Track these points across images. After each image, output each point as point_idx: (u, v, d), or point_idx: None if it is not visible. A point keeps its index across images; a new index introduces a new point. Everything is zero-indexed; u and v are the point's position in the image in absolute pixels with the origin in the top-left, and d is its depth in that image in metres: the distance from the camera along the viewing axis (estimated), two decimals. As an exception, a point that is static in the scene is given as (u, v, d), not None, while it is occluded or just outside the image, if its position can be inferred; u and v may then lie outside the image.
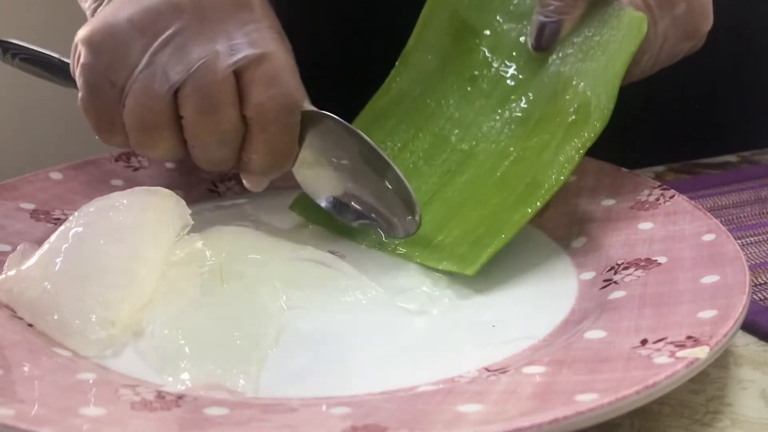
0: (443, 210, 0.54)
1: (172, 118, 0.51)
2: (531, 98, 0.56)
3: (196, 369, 0.41)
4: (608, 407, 0.36)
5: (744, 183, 0.65)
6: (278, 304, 0.47)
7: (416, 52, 0.59)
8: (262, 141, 0.52)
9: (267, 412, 0.38)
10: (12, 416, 0.36)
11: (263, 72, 0.51)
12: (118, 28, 0.51)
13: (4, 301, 0.46)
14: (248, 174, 0.55)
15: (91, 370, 0.41)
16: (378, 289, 0.49)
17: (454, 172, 0.56)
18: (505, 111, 0.57)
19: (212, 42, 0.51)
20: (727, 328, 0.40)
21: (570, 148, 0.52)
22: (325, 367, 0.43)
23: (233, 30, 0.51)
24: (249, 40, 0.51)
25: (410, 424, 0.36)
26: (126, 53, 0.51)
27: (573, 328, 0.45)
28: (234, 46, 0.51)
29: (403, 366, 0.43)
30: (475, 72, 0.58)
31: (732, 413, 0.41)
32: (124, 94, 0.51)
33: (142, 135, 0.52)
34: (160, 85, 0.50)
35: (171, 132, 0.52)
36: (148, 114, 0.51)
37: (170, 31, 0.50)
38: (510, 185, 0.53)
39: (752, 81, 0.79)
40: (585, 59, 0.54)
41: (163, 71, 0.50)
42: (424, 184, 0.56)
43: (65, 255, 0.45)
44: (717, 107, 0.77)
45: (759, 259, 0.54)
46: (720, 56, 0.74)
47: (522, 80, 0.57)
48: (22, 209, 0.56)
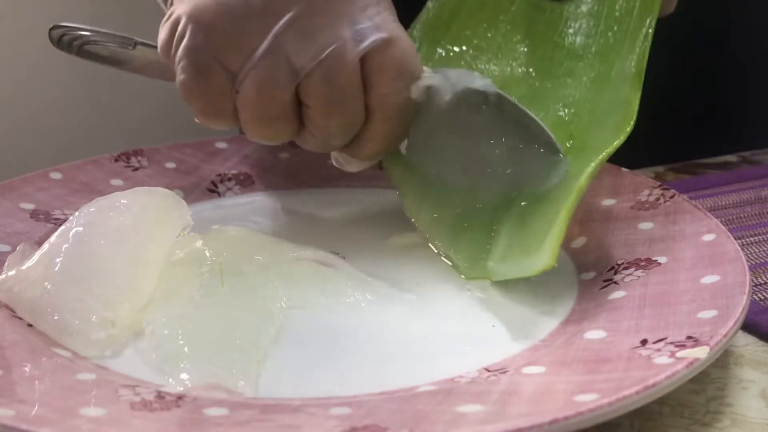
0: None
1: (296, 109, 0.49)
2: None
3: (196, 369, 0.41)
4: (608, 407, 0.36)
5: (744, 183, 0.65)
6: (278, 304, 0.47)
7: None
8: (381, 131, 0.50)
9: (267, 413, 0.38)
10: (12, 416, 0.36)
11: (389, 59, 0.48)
12: (233, 4, 0.47)
13: (4, 301, 0.46)
14: (354, 158, 0.52)
15: (90, 370, 0.41)
16: (378, 289, 0.49)
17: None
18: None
19: (337, 26, 0.47)
20: (727, 328, 0.40)
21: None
22: (325, 367, 0.43)
23: (356, 12, 0.48)
24: (374, 24, 0.48)
25: (410, 425, 0.36)
26: (242, 35, 0.47)
27: (573, 328, 0.45)
28: (360, 30, 0.48)
29: (403, 366, 0.43)
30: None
31: (732, 413, 0.41)
32: (238, 80, 0.47)
33: (260, 125, 0.49)
34: (285, 74, 0.47)
35: (293, 121, 0.49)
36: (271, 104, 0.48)
37: (293, 12, 0.47)
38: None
39: (752, 81, 0.79)
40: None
41: (287, 58, 0.47)
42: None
43: (65, 255, 0.45)
44: (717, 107, 0.77)
45: (759, 259, 0.54)
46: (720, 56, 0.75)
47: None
48: (22, 209, 0.56)
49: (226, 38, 0.47)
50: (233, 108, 0.49)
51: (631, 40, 0.53)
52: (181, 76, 0.48)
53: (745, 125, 0.79)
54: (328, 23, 0.47)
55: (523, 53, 0.58)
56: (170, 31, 0.49)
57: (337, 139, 0.50)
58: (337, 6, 0.48)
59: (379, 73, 0.48)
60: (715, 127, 0.77)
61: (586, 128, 0.53)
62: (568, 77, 0.56)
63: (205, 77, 0.48)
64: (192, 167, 0.63)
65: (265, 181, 0.62)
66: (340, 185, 0.62)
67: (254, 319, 0.45)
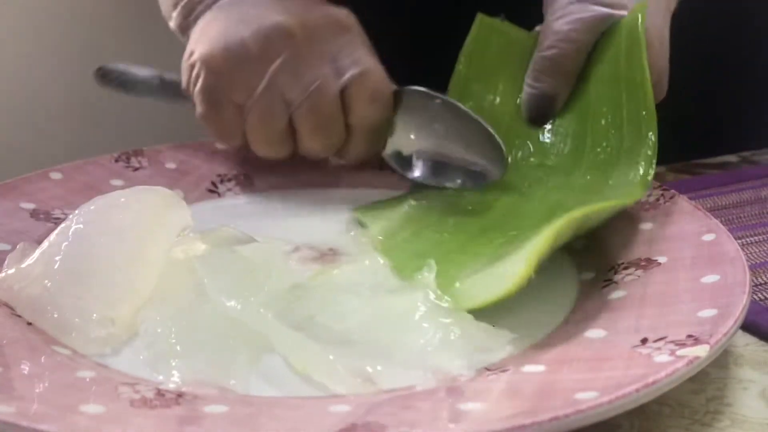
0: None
1: (290, 133, 0.58)
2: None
3: (187, 367, 0.41)
4: (608, 405, 0.36)
5: (744, 183, 0.65)
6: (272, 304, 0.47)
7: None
8: (361, 144, 0.59)
9: (267, 410, 0.38)
10: (12, 413, 0.36)
11: (365, 87, 0.57)
12: (236, 51, 0.57)
13: (4, 299, 0.46)
14: (341, 161, 0.61)
15: (90, 368, 0.41)
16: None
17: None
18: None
19: (320, 64, 0.57)
20: (727, 327, 0.40)
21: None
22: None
23: (336, 51, 0.58)
24: (351, 60, 0.57)
25: (410, 423, 0.36)
26: (244, 76, 0.57)
27: (573, 327, 0.45)
28: (339, 67, 0.57)
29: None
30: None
31: (732, 413, 0.41)
32: (245, 111, 0.58)
33: (263, 146, 0.59)
34: (280, 107, 0.57)
35: (289, 142, 0.59)
36: (270, 131, 0.58)
37: (284, 56, 0.57)
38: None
39: (752, 81, 0.79)
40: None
41: (281, 94, 0.57)
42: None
43: (65, 253, 0.45)
44: (717, 107, 0.77)
45: (759, 259, 0.54)
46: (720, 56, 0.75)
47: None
48: (22, 209, 0.56)
49: (232, 79, 0.57)
50: (243, 132, 0.59)
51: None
52: (200, 109, 0.59)
53: (745, 125, 0.79)
54: (312, 63, 0.57)
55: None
56: (188, 71, 0.60)
57: (325, 154, 0.60)
58: (319, 48, 0.57)
59: (357, 99, 0.57)
60: (714, 127, 0.77)
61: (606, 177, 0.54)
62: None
63: (218, 110, 0.58)
64: (192, 167, 0.63)
65: (265, 181, 0.62)
66: (340, 185, 0.62)
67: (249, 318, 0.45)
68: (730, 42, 0.76)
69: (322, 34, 0.58)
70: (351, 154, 0.60)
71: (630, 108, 0.54)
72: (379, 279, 0.49)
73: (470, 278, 0.46)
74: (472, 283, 0.46)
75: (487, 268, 0.47)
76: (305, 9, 0.58)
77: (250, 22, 0.57)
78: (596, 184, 0.54)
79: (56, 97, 0.67)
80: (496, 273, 0.46)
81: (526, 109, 0.58)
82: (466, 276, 0.47)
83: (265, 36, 0.57)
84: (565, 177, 0.56)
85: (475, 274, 0.47)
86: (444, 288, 0.46)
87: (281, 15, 0.58)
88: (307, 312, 0.45)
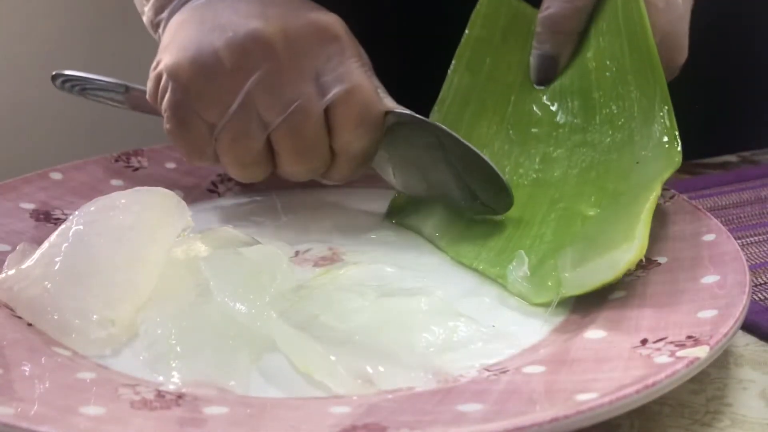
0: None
1: (268, 155, 0.53)
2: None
3: (187, 368, 0.41)
4: (608, 406, 0.36)
5: (744, 183, 0.65)
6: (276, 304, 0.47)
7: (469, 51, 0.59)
8: (346, 168, 0.54)
9: (267, 411, 0.38)
10: (12, 415, 0.36)
11: (351, 108, 0.52)
12: (207, 63, 0.51)
13: (4, 300, 0.46)
14: (327, 182, 0.57)
15: (90, 369, 0.41)
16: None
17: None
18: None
19: (302, 81, 0.51)
20: (727, 327, 0.40)
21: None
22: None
23: (320, 65, 0.52)
24: (336, 75, 0.51)
25: (410, 424, 0.36)
26: (216, 92, 0.51)
27: (573, 327, 0.45)
28: (323, 84, 0.51)
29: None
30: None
31: (732, 413, 0.41)
32: (217, 130, 0.52)
33: (237, 168, 0.54)
34: (256, 128, 0.51)
35: (266, 165, 0.54)
36: (245, 152, 0.52)
37: (261, 71, 0.51)
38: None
39: (752, 81, 0.79)
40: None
41: (258, 114, 0.51)
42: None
43: (65, 254, 0.45)
44: (717, 107, 0.77)
45: (759, 259, 0.54)
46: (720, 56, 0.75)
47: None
48: (22, 209, 0.56)
49: (202, 95, 0.51)
50: (214, 151, 0.54)
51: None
52: (167, 125, 0.53)
53: (745, 125, 0.79)
54: (294, 79, 0.51)
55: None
56: (155, 83, 0.54)
57: (307, 178, 0.55)
58: (302, 61, 0.51)
59: (342, 121, 0.52)
60: (714, 127, 0.77)
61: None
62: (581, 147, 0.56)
63: (187, 128, 0.53)
64: (192, 167, 0.63)
65: (265, 181, 0.62)
66: (340, 185, 0.62)
67: (249, 318, 0.45)
68: (730, 42, 0.76)
69: (305, 44, 0.51)
70: (335, 177, 0.55)
71: (633, 59, 0.54)
72: (384, 280, 0.50)
73: (582, 267, 0.47)
74: (584, 272, 0.46)
75: (596, 258, 0.46)
76: (288, 13, 0.52)
77: (224, 28, 0.51)
78: (620, 143, 0.54)
79: (56, 96, 0.67)
80: (607, 261, 0.46)
81: (533, 72, 0.57)
82: (573, 265, 0.47)
83: (240, 46, 0.50)
84: (582, 134, 0.56)
85: (586, 263, 0.47)
86: (544, 277, 0.48)
87: (259, 21, 0.51)
88: (311, 311, 0.46)
